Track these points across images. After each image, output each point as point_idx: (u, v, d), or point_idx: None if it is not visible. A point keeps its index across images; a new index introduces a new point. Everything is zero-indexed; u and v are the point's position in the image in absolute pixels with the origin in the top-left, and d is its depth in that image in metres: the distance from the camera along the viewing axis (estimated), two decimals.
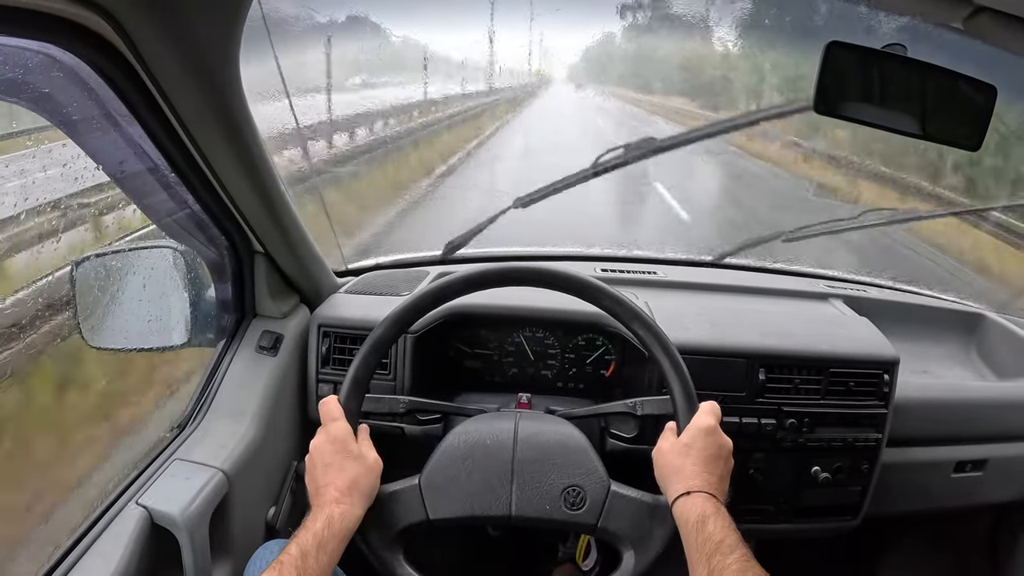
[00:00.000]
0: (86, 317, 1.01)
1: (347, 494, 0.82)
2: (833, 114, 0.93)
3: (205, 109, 0.83)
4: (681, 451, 0.88)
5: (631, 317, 0.96)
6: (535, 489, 0.89)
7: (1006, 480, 1.40)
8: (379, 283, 1.40)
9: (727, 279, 1.55)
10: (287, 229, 1.10)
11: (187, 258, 1.08)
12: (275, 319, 1.21)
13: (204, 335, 1.13)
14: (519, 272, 0.99)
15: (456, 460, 0.91)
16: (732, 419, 1.13)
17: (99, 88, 0.77)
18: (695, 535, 0.78)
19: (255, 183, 0.97)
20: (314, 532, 0.77)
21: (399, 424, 1.13)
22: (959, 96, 0.91)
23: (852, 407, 1.21)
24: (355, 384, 0.91)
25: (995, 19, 0.73)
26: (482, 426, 0.96)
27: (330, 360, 1.24)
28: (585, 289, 0.97)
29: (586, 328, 1.28)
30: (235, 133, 0.88)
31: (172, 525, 0.91)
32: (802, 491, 1.24)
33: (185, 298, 1.08)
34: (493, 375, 1.33)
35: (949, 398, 1.36)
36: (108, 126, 0.84)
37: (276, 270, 1.18)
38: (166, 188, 0.97)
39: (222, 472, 1.00)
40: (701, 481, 0.84)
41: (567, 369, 1.32)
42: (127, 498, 0.94)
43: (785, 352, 1.20)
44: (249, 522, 1.09)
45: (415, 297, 0.95)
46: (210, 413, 1.11)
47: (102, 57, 0.72)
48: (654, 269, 1.56)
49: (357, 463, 0.85)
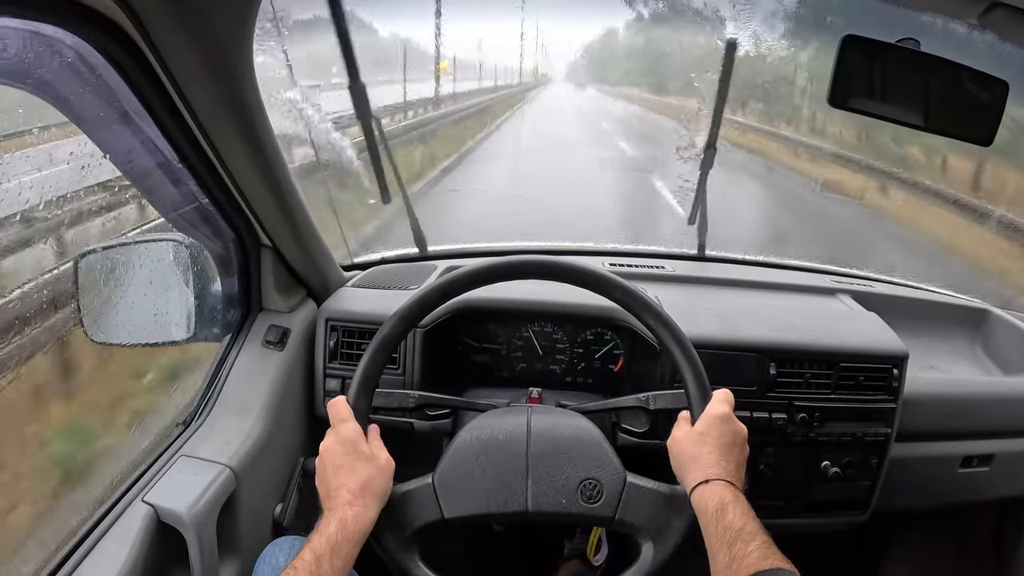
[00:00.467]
0: (89, 311, 0.99)
1: (360, 496, 0.80)
2: (848, 107, 0.93)
3: (218, 101, 0.82)
4: (697, 439, 0.87)
5: (642, 308, 0.95)
6: (551, 483, 0.88)
7: (1012, 475, 1.40)
8: (386, 277, 1.39)
9: (735, 274, 1.55)
10: (296, 223, 1.08)
11: (193, 251, 1.06)
12: (282, 313, 1.19)
13: (210, 329, 1.12)
14: (527, 265, 0.98)
15: (469, 457, 0.89)
16: (743, 413, 1.12)
17: (110, 77, 0.76)
18: (715, 523, 0.78)
19: (266, 176, 0.96)
20: (327, 536, 0.75)
21: (409, 419, 1.12)
22: (971, 91, 0.91)
23: (862, 401, 1.21)
24: (364, 383, 0.89)
25: (1011, 14, 0.73)
26: (494, 421, 0.95)
27: (338, 354, 1.22)
28: (596, 281, 0.96)
29: (595, 322, 1.28)
30: (247, 125, 0.87)
31: (179, 523, 0.90)
32: (812, 486, 1.25)
33: (190, 292, 1.06)
34: (501, 370, 1.32)
35: (956, 393, 1.36)
36: (117, 116, 0.82)
37: (283, 264, 1.16)
38: (174, 180, 0.95)
39: (229, 468, 0.98)
40: (719, 469, 0.83)
41: (576, 364, 1.31)
42: (133, 495, 0.92)
43: (795, 346, 1.20)
44: (256, 519, 1.07)
45: (422, 293, 0.94)
46: (216, 409, 1.09)
47: (115, 45, 0.71)
48: (662, 264, 1.55)
49: (369, 464, 0.83)
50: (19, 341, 0.99)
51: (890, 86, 0.93)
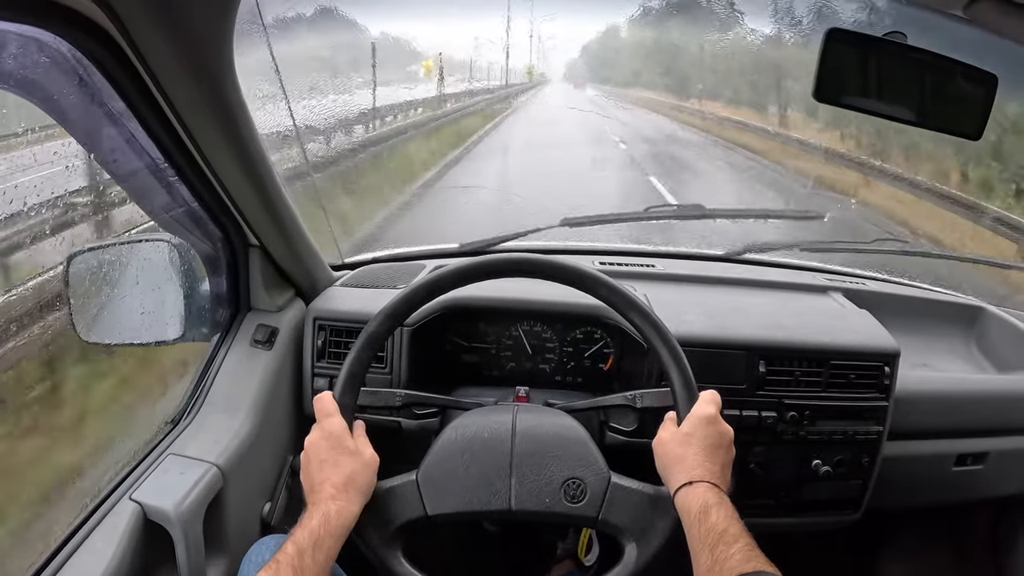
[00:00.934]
0: (79, 311, 1.00)
1: (343, 491, 0.81)
2: (833, 102, 0.92)
3: (199, 99, 0.82)
4: (682, 440, 0.87)
5: (628, 306, 0.95)
6: (535, 482, 0.88)
7: (1007, 473, 1.40)
8: (375, 276, 1.39)
9: (726, 272, 1.54)
10: (282, 222, 1.08)
11: (181, 251, 1.06)
12: (270, 313, 1.19)
13: (198, 329, 1.12)
14: (514, 263, 0.98)
15: (454, 454, 0.89)
16: (733, 412, 1.12)
17: (93, 76, 0.76)
18: (698, 525, 0.78)
19: (250, 175, 0.96)
20: (310, 530, 0.76)
21: (395, 418, 1.12)
22: (959, 84, 0.91)
23: (853, 400, 1.20)
24: (350, 379, 0.90)
25: (996, 7, 0.73)
26: (479, 419, 0.95)
27: (326, 353, 1.23)
28: (582, 279, 0.96)
29: (584, 321, 1.27)
30: (230, 124, 0.87)
31: (166, 521, 0.90)
32: (803, 485, 1.24)
33: (179, 292, 1.07)
34: (491, 369, 1.32)
35: (949, 391, 1.35)
36: (101, 115, 0.83)
37: (271, 263, 1.17)
38: (160, 180, 0.96)
39: (216, 467, 0.99)
40: (703, 471, 0.83)
41: (565, 362, 1.31)
42: (120, 493, 0.92)
43: (785, 344, 1.20)
44: (244, 518, 1.07)
45: (409, 290, 0.94)
46: (204, 407, 1.10)
47: (97, 45, 0.71)
48: (652, 262, 1.55)
49: (353, 459, 0.84)
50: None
51: (876, 80, 0.92)
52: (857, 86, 0.92)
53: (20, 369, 1.24)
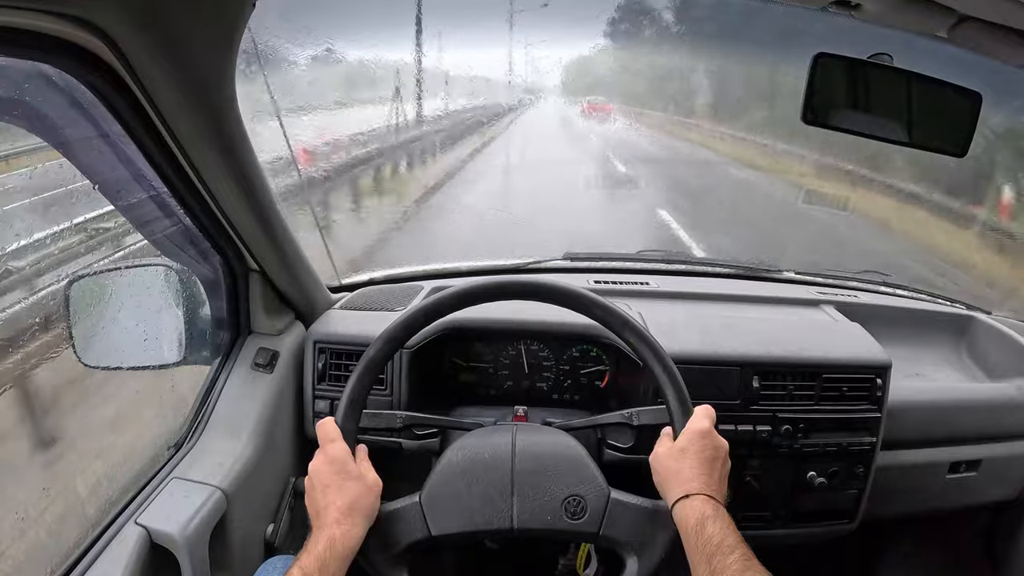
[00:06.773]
0: (80, 335, 1.01)
1: (348, 515, 0.82)
2: (821, 124, 0.94)
3: (201, 128, 0.83)
4: (678, 455, 0.89)
5: (622, 326, 0.96)
6: (536, 501, 0.89)
7: (1000, 479, 1.42)
8: (373, 298, 1.40)
9: (719, 288, 1.56)
10: (282, 247, 1.10)
11: (182, 276, 1.08)
12: (270, 336, 1.20)
13: (199, 353, 1.13)
14: (511, 286, 1.00)
15: (456, 475, 0.91)
16: (727, 427, 1.14)
17: (94, 107, 0.77)
18: (695, 537, 0.79)
19: (250, 202, 0.98)
20: (316, 555, 0.77)
21: (397, 439, 1.13)
22: (945, 103, 0.93)
23: (846, 412, 1.22)
24: (351, 405, 0.91)
25: (980, 28, 0.75)
26: (480, 440, 0.96)
27: (326, 376, 1.24)
28: (577, 301, 0.98)
29: (580, 340, 1.29)
30: (231, 152, 0.89)
31: (171, 544, 0.91)
32: (798, 496, 1.26)
33: (180, 316, 1.08)
34: (489, 388, 1.33)
35: (942, 400, 1.37)
36: (103, 145, 0.84)
37: (271, 287, 1.18)
38: (161, 207, 0.97)
39: (220, 490, 0.99)
40: (699, 483, 0.85)
41: (562, 381, 1.32)
42: (126, 517, 0.93)
43: (778, 359, 1.21)
44: (248, 540, 1.08)
45: (408, 315, 0.96)
46: (207, 431, 1.10)
47: (98, 77, 0.72)
48: (647, 280, 1.57)
49: (357, 483, 0.85)
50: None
51: (863, 101, 0.94)
52: (844, 108, 0.95)
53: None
